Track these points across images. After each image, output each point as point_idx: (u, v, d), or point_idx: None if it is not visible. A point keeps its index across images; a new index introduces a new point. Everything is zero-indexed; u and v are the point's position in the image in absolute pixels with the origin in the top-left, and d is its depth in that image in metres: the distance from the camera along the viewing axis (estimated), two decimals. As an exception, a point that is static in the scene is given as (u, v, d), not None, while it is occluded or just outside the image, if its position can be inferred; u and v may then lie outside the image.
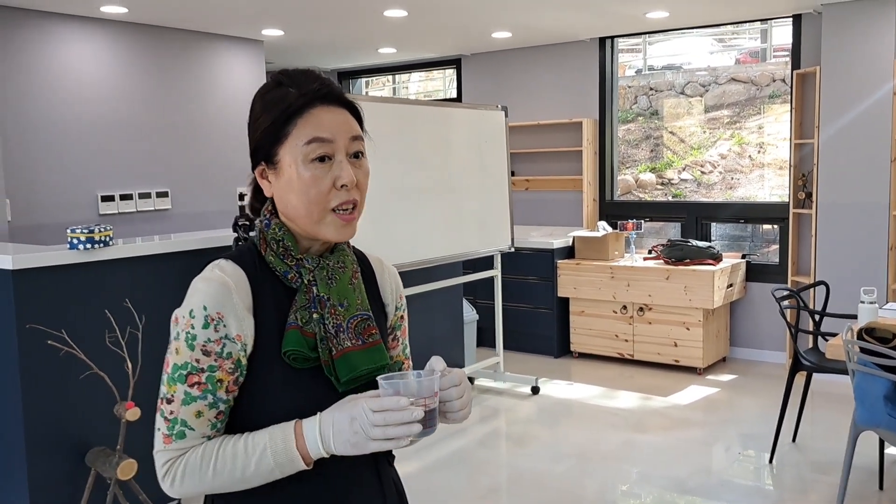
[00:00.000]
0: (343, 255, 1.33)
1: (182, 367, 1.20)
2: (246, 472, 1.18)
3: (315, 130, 1.24)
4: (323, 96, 1.26)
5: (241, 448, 1.19)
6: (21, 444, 3.30)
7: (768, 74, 7.04)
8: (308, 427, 1.18)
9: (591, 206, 7.00)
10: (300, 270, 1.28)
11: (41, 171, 5.21)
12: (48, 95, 5.24)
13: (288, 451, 1.17)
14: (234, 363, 1.21)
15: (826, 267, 5.60)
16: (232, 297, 1.21)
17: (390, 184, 4.65)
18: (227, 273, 1.23)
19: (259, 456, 1.18)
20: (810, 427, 4.80)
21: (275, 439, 1.18)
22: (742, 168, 7.14)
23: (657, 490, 3.96)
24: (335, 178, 1.24)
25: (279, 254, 1.28)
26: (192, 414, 1.20)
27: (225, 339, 1.20)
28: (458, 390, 1.25)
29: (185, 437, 1.21)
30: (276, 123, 1.25)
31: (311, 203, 1.24)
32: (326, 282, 1.28)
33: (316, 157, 1.23)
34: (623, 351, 6.23)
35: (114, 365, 3.34)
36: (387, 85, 9.22)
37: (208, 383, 1.20)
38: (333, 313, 1.27)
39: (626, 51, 7.63)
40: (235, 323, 1.21)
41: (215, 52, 6.23)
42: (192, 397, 1.20)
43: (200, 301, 1.20)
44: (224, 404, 1.22)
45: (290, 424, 1.19)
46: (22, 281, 3.25)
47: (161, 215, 5.87)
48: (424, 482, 4.11)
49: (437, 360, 1.26)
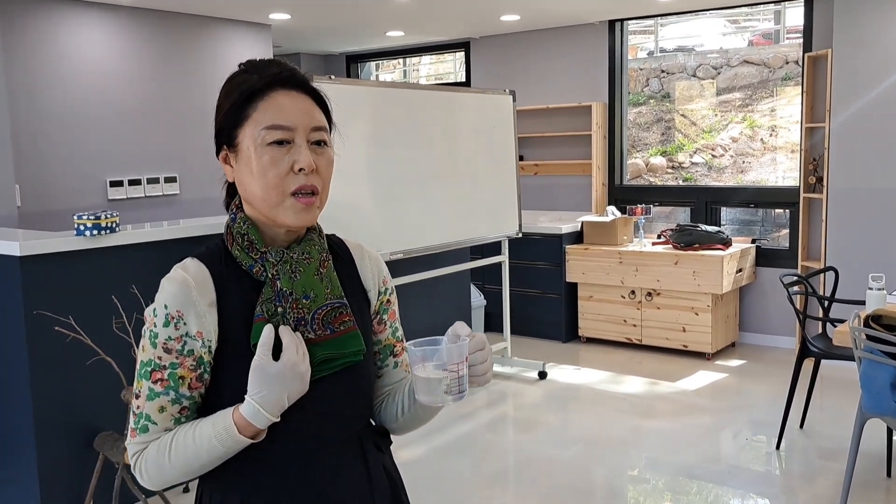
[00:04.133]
0: (310, 246, 1.32)
1: (147, 364, 1.24)
2: (199, 459, 1.22)
3: (274, 117, 1.24)
4: (283, 80, 1.27)
5: (190, 438, 1.22)
6: (30, 430, 3.33)
7: (781, 56, 6.97)
8: (245, 408, 1.20)
9: (600, 191, 6.97)
10: (264, 264, 1.28)
11: (50, 157, 5.22)
12: (57, 81, 5.24)
13: (233, 436, 1.20)
14: (195, 360, 1.24)
15: (836, 252, 5.56)
16: (192, 294, 1.23)
17: (397, 169, 4.64)
18: (188, 272, 1.25)
19: (208, 446, 1.21)
20: (818, 413, 4.78)
21: (216, 429, 1.21)
22: (753, 151, 7.08)
23: (665, 476, 3.96)
24: (293, 161, 1.24)
25: (244, 248, 1.28)
26: (155, 409, 1.24)
27: (185, 336, 1.23)
28: (483, 354, 1.26)
29: (148, 430, 1.25)
30: (237, 105, 1.26)
31: (268, 186, 1.24)
32: (289, 276, 1.28)
33: (274, 140, 1.24)
34: (631, 336, 6.22)
35: (121, 350, 3.36)
36: (397, 68, 9.19)
37: (170, 380, 1.23)
38: (296, 307, 1.27)
39: (638, 33, 7.56)
40: (196, 320, 1.23)
41: (223, 37, 6.22)
42: (156, 393, 1.23)
43: (162, 300, 1.23)
44: (188, 400, 1.25)
45: (228, 412, 1.22)
46: (29, 267, 3.27)
47: (169, 200, 5.89)
48: (431, 466, 4.12)
49: (462, 326, 1.25)
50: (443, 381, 1.21)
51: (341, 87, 4.29)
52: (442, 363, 1.19)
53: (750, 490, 3.78)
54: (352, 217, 4.26)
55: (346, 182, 4.20)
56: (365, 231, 4.31)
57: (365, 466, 1.35)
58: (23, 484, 3.44)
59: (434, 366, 1.21)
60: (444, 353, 1.19)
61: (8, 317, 3.35)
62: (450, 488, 3.90)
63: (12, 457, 3.49)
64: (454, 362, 1.19)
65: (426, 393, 1.23)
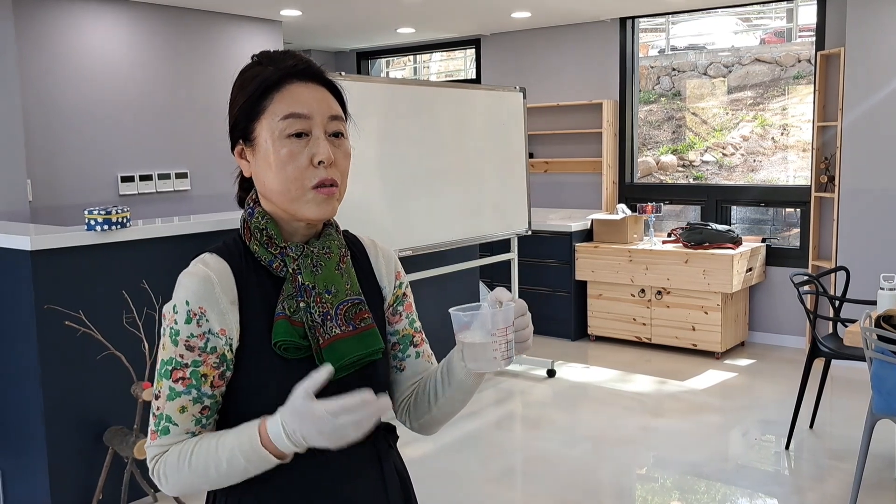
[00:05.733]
0: (329, 241, 1.30)
1: (168, 363, 1.20)
2: (219, 470, 1.17)
3: (291, 106, 1.22)
4: (300, 72, 1.25)
5: (212, 448, 1.17)
6: (40, 424, 3.35)
7: (793, 55, 6.93)
8: (272, 430, 1.14)
9: (610, 189, 6.95)
10: (284, 259, 1.26)
11: (62, 152, 5.25)
12: (69, 77, 5.27)
13: (256, 451, 1.15)
14: (218, 358, 1.21)
15: (847, 252, 5.53)
16: (214, 291, 1.20)
17: (407, 166, 4.64)
18: (210, 267, 1.22)
19: (229, 455, 1.16)
20: (828, 413, 4.76)
21: (241, 439, 1.16)
22: (764, 150, 7.05)
23: (673, 475, 3.95)
24: (312, 154, 1.22)
25: (263, 243, 1.26)
26: (176, 409, 1.20)
27: (208, 333, 1.20)
28: (525, 319, 1.24)
29: (169, 432, 1.20)
30: (252, 98, 1.24)
31: (288, 180, 1.21)
32: (311, 270, 1.26)
33: (292, 132, 1.22)
34: (640, 334, 6.20)
35: (130, 345, 3.38)
36: (408, 65, 9.18)
37: (192, 378, 1.19)
38: (320, 301, 1.25)
39: (649, 30, 7.53)
40: (218, 317, 1.20)
41: (234, 33, 6.23)
42: (177, 392, 1.20)
43: (183, 296, 1.20)
44: (209, 399, 1.22)
45: (254, 424, 1.16)
46: (40, 262, 3.29)
47: (180, 196, 5.90)
48: (438, 463, 4.13)
49: (503, 291, 1.22)
50: (491, 345, 1.19)
51: (352, 84, 4.29)
52: (488, 328, 1.18)
53: (759, 490, 3.77)
54: (361, 213, 4.27)
55: (356, 179, 4.17)
56: (374, 228, 4.31)
57: (378, 465, 1.34)
58: (32, 477, 3.46)
59: (481, 331, 1.20)
60: (489, 318, 1.18)
61: (19, 311, 3.37)
62: (457, 485, 3.90)
63: (22, 450, 3.51)
64: (500, 327, 1.18)
65: (475, 359, 1.22)
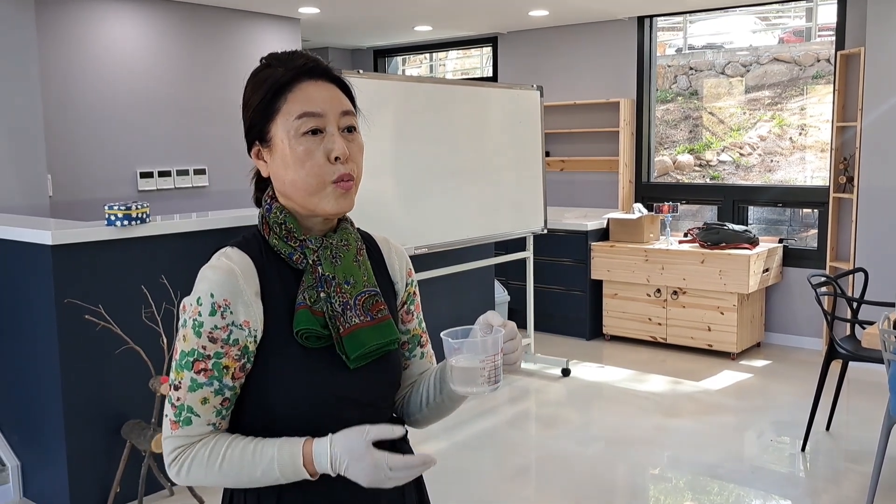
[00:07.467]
0: (346, 234, 1.34)
1: (189, 354, 1.22)
2: (252, 476, 1.21)
3: (304, 105, 1.25)
4: (309, 70, 1.28)
5: (248, 454, 1.21)
6: (59, 417, 3.39)
7: (812, 54, 6.88)
8: (319, 452, 1.19)
9: (626, 188, 6.94)
10: (304, 251, 1.29)
11: (82, 148, 5.29)
12: (89, 73, 5.31)
13: (294, 466, 1.19)
14: (240, 350, 1.23)
15: (866, 253, 5.49)
16: (239, 283, 1.23)
17: (423, 164, 4.65)
18: (233, 260, 1.25)
19: (266, 466, 1.20)
20: (845, 416, 4.73)
21: (282, 454, 1.20)
22: (782, 150, 7.01)
23: (687, 475, 3.94)
24: (328, 151, 1.25)
25: (282, 236, 1.29)
26: (198, 400, 1.22)
27: (232, 325, 1.22)
28: (514, 343, 1.28)
29: (191, 423, 1.22)
30: (266, 100, 1.27)
31: (307, 176, 1.25)
32: (331, 261, 1.29)
33: (307, 130, 1.25)
34: (656, 334, 6.19)
35: (149, 340, 3.41)
36: (424, 63, 9.19)
37: (214, 370, 1.22)
38: (340, 291, 1.28)
39: (667, 29, 7.51)
40: (243, 309, 1.22)
41: (252, 30, 6.26)
42: (199, 384, 1.22)
43: (207, 288, 1.22)
44: (230, 391, 1.24)
45: (299, 442, 1.21)
46: (60, 256, 3.32)
47: (198, 192, 5.94)
48: (453, 461, 4.14)
49: (494, 315, 1.26)
50: (479, 370, 1.23)
51: (369, 82, 4.31)
52: (477, 354, 1.22)
53: (773, 491, 3.76)
54: (377, 211, 4.28)
55: (372, 176, 4.22)
56: (390, 225, 4.32)
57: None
58: (51, 470, 3.50)
59: (470, 356, 1.23)
60: (479, 345, 1.22)
61: (39, 305, 3.40)
62: (471, 483, 3.91)
63: (42, 443, 3.55)
64: (489, 354, 1.22)
65: (463, 383, 1.25)
